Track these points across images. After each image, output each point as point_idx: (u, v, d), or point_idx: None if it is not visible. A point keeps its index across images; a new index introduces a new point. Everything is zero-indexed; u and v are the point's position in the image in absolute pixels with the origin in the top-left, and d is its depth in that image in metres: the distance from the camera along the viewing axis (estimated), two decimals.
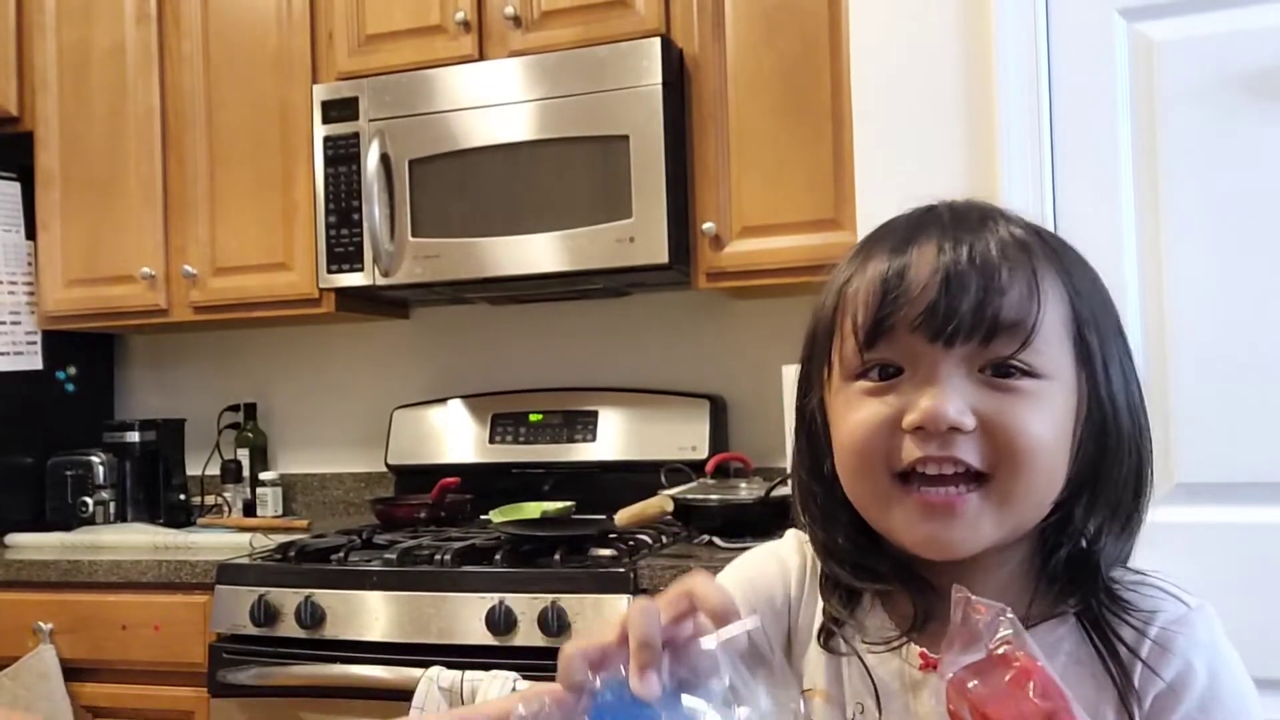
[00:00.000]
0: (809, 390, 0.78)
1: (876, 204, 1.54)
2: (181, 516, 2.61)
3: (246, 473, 2.71)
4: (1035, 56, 1.49)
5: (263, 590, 1.95)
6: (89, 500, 2.56)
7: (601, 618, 1.77)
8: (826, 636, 0.79)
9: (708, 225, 2.12)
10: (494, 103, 2.21)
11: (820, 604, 0.80)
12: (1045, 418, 0.69)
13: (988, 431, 0.68)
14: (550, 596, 1.79)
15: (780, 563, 0.84)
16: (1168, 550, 0.78)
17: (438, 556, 1.91)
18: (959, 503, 0.69)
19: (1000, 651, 0.63)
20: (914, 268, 0.69)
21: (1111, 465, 0.72)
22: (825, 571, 0.80)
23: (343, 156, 2.31)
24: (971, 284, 0.68)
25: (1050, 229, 0.77)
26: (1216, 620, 0.72)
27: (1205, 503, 1.39)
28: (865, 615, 0.79)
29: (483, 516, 2.28)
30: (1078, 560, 0.72)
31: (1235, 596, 1.34)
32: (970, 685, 0.63)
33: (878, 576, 0.76)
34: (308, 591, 1.92)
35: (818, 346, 0.76)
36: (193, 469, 2.76)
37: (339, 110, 2.32)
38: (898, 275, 0.69)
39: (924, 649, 0.75)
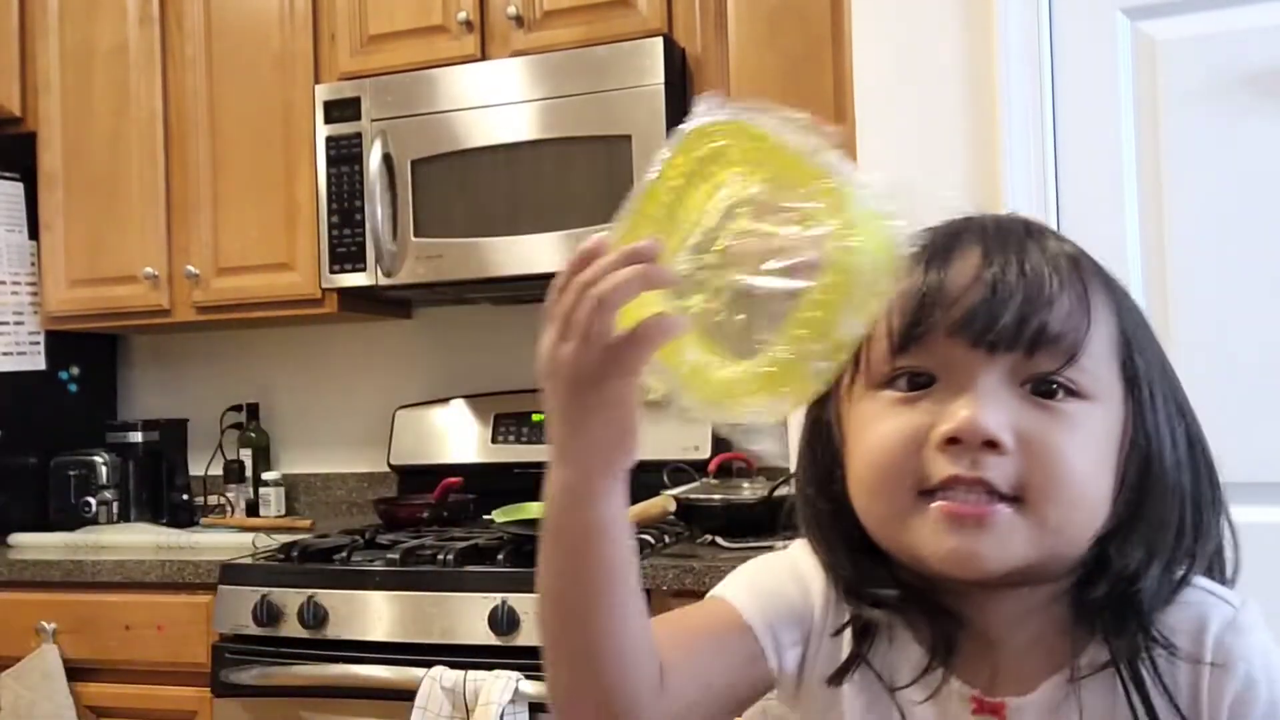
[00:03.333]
0: (821, 400, 0.71)
1: None
2: (184, 516, 2.61)
3: (249, 473, 2.71)
4: (1038, 56, 1.49)
5: (265, 590, 1.95)
6: (92, 500, 2.56)
7: None
8: (840, 674, 0.71)
9: None
10: (496, 103, 2.21)
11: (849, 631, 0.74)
12: (1088, 443, 0.64)
13: (1025, 453, 0.63)
14: None
15: (799, 579, 0.75)
16: None
17: (440, 556, 1.91)
18: (988, 513, 0.63)
19: None
20: (955, 272, 0.65)
21: (1153, 502, 0.67)
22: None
23: (345, 156, 2.31)
24: (1018, 291, 0.64)
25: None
26: (1260, 618, 0.69)
27: None
28: (891, 650, 0.71)
29: (485, 516, 2.27)
30: (1118, 602, 0.66)
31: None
32: None
33: (886, 603, 0.69)
34: (310, 591, 1.92)
35: None
36: (195, 469, 2.76)
37: (341, 110, 2.32)
38: (937, 278, 0.65)
39: (977, 690, 0.68)
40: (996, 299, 0.64)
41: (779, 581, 0.75)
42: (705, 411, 0.61)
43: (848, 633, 0.72)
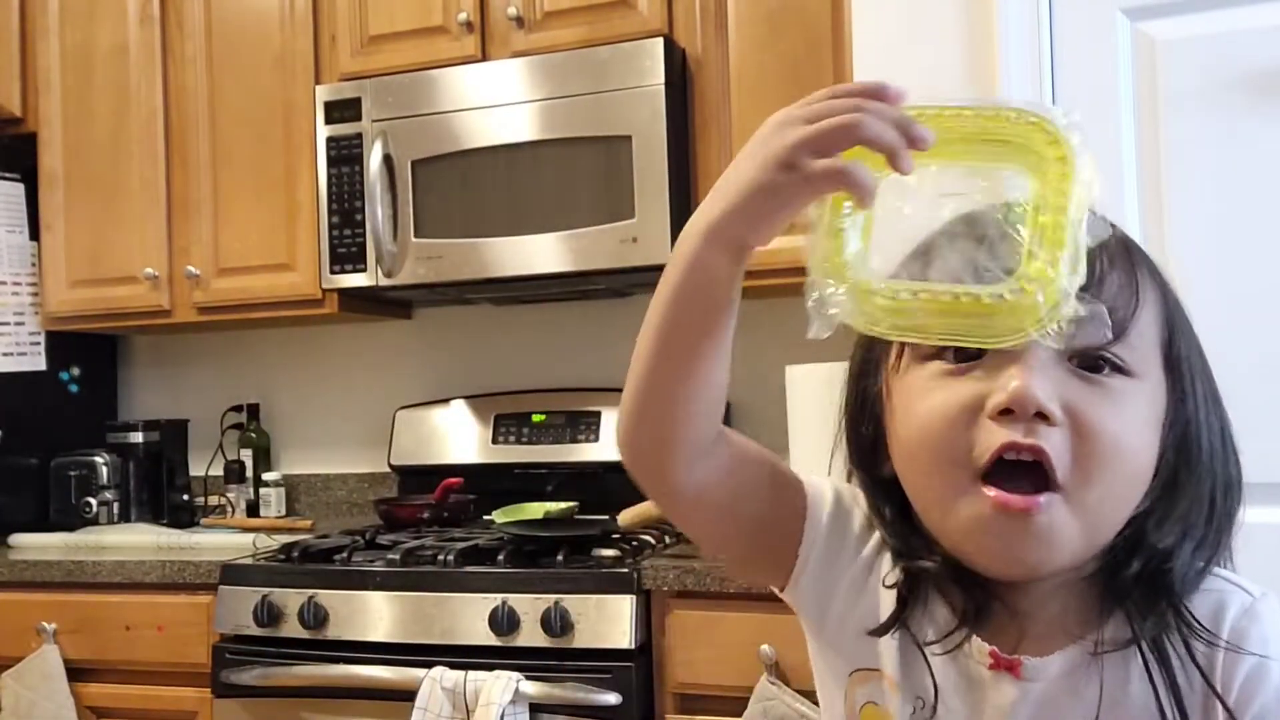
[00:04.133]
0: (868, 373, 0.74)
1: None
2: (185, 517, 2.61)
3: (250, 473, 2.71)
4: (1038, 56, 1.49)
5: (266, 591, 1.95)
6: (93, 501, 2.57)
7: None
8: (883, 630, 0.74)
9: None
10: (497, 103, 2.21)
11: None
12: (1133, 419, 0.66)
13: (1073, 427, 0.64)
14: (553, 597, 1.79)
15: (865, 515, 0.78)
16: None
17: (441, 557, 1.91)
18: (1035, 507, 0.63)
19: None
20: None
21: (1189, 484, 0.69)
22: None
23: (345, 157, 2.31)
24: None
25: None
26: (1279, 608, 0.70)
27: None
28: (925, 611, 0.74)
29: (485, 517, 2.27)
30: (1149, 579, 0.68)
31: None
32: None
33: (928, 568, 0.72)
34: (311, 592, 1.92)
35: None
36: (196, 469, 2.76)
37: (342, 111, 2.32)
38: None
39: (993, 646, 0.71)
40: None
41: (852, 497, 0.78)
42: (816, 273, 0.66)
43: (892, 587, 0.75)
